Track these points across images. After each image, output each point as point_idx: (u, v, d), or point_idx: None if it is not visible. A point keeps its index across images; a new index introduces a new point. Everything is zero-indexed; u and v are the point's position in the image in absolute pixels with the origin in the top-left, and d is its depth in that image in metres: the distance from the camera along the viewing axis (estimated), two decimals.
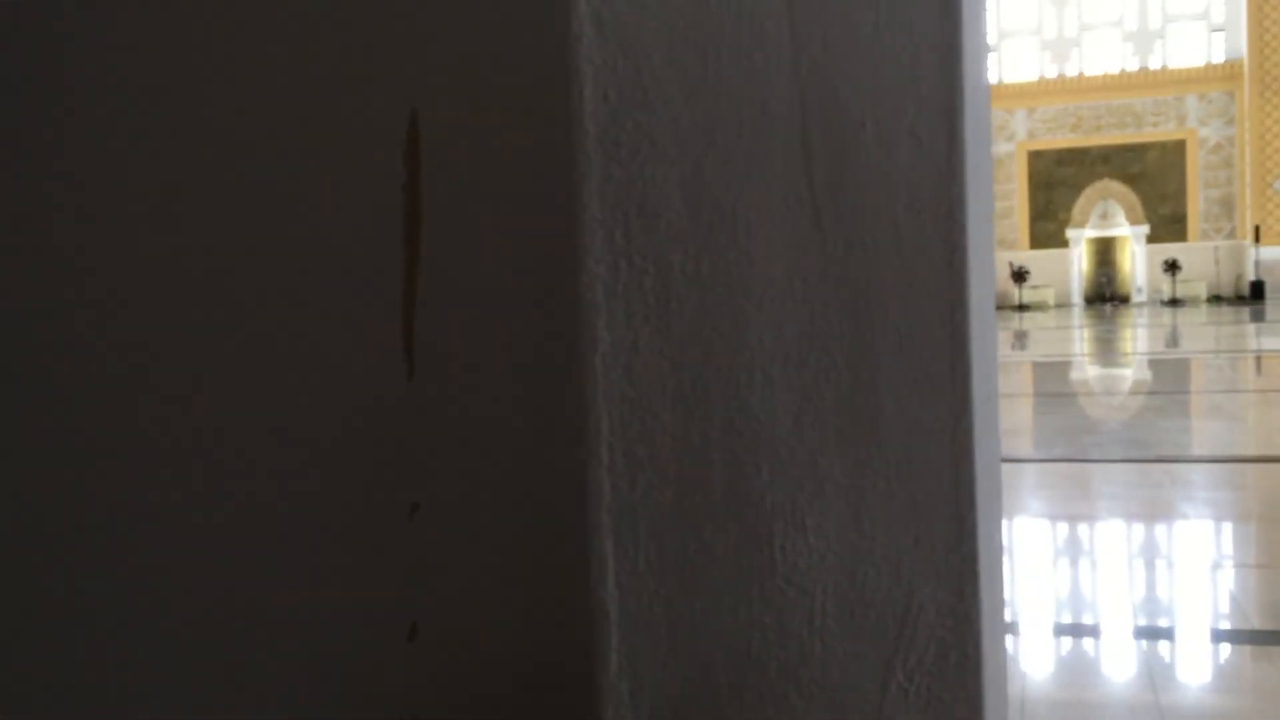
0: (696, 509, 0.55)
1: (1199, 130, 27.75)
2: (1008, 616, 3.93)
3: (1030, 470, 6.81)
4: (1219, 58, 27.87)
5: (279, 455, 0.57)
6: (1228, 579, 4.28)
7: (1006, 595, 4.10)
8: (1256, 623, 3.75)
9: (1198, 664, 3.40)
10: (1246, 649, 3.48)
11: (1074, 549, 4.91)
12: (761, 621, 0.56)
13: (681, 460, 0.55)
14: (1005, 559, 4.75)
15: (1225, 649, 3.52)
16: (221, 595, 0.58)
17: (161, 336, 0.59)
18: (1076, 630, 3.75)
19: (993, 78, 28.53)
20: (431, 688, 0.55)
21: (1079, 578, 4.42)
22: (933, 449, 0.59)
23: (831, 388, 0.58)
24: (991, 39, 28.65)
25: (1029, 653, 3.52)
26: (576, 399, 0.53)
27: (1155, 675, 3.24)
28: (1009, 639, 3.62)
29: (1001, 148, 28.30)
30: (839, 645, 0.58)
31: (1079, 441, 7.75)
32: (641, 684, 0.54)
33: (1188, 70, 27.73)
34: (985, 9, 0.76)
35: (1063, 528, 5.28)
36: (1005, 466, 6.89)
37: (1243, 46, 27.15)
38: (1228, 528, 5.16)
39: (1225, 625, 3.75)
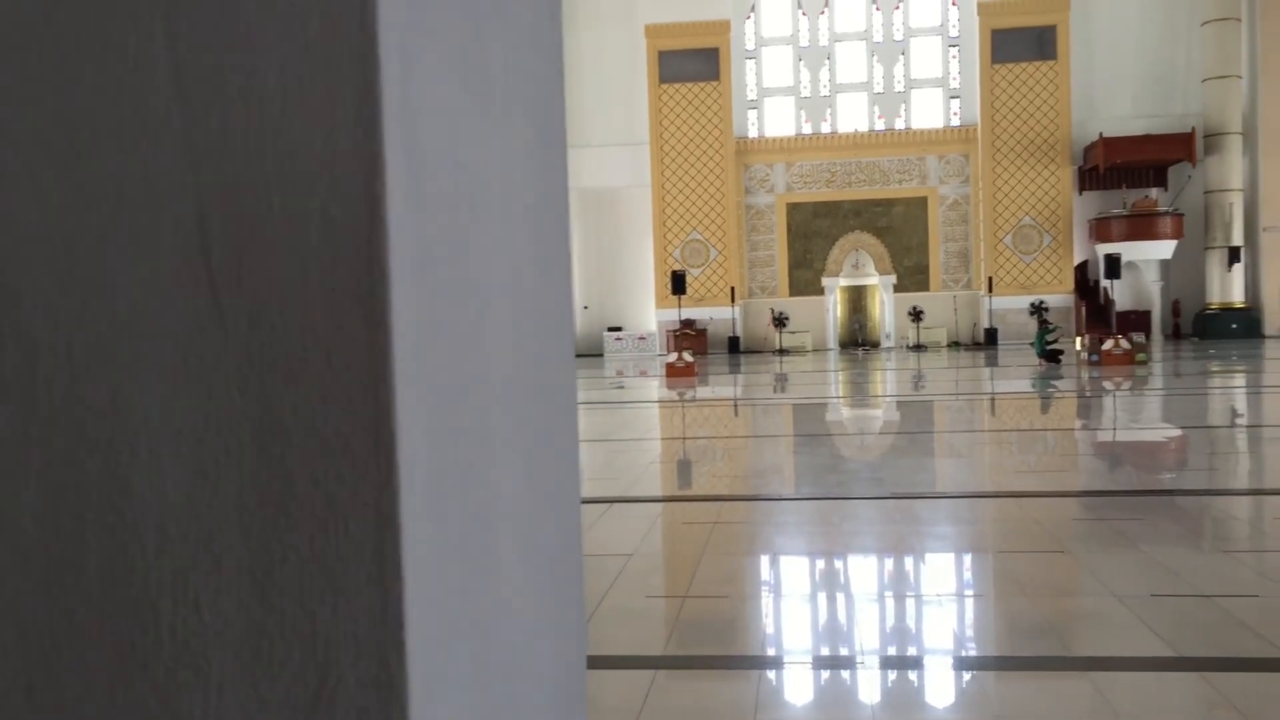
0: (68, 592, 0.54)
1: (939, 188, 30.03)
2: (763, 649, 4.04)
3: (785, 508, 7.07)
4: (956, 122, 30.32)
5: None
6: (958, 608, 4.55)
7: (771, 627, 4.18)
8: (980, 649, 4.01)
9: (931, 690, 3.59)
10: (981, 674, 3.70)
11: (814, 583, 5.11)
12: (146, 705, 0.55)
13: (50, 543, 0.54)
14: (766, 592, 4.89)
15: (956, 675, 3.71)
16: None
17: None
18: (818, 662, 3.88)
19: (754, 133, 29.62)
20: None
21: (818, 611, 4.59)
22: (353, 523, 0.60)
23: (234, 464, 0.58)
24: (753, 96, 30.06)
25: (766, 685, 3.61)
26: None
27: (887, 702, 3.40)
28: (769, 673, 3.72)
29: (762, 199, 29.64)
30: None
31: (824, 480, 8.12)
32: None
33: (929, 132, 30.00)
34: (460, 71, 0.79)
35: (804, 562, 5.49)
36: (759, 505, 7.14)
37: (976, 113, 29.66)
38: (962, 559, 5.50)
39: (957, 652, 3.95)
